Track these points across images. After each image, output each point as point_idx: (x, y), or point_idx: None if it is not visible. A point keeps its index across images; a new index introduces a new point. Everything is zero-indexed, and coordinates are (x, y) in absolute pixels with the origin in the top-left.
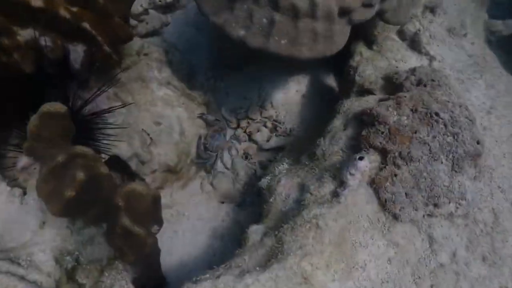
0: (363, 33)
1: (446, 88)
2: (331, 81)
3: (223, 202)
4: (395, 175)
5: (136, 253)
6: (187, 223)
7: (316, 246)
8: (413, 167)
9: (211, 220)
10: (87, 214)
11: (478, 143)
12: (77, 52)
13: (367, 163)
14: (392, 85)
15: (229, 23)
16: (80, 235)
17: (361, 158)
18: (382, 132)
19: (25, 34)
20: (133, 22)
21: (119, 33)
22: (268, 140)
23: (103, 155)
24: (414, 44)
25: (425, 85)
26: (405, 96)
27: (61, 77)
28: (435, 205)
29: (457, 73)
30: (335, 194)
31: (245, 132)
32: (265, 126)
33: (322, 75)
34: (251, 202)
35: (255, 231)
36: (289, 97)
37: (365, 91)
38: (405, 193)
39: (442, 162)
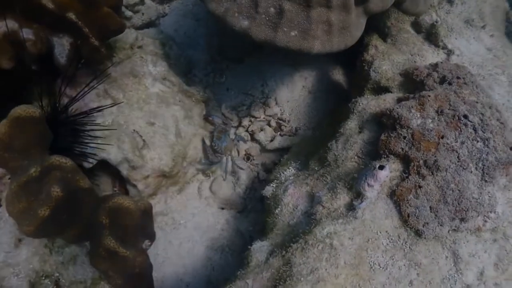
0: (375, 24)
1: (473, 86)
2: (340, 75)
3: (223, 208)
4: (420, 187)
5: (124, 276)
6: (184, 232)
7: (330, 270)
8: (440, 178)
9: (210, 229)
10: (65, 234)
11: (511, 149)
12: (62, 45)
13: (388, 173)
14: (412, 83)
15: (230, 12)
16: (60, 254)
17: (381, 167)
18: (404, 137)
19: (2, 25)
20: (127, 13)
21: (108, 24)
22: (272, 140)
23: (90, 160)
24: (431, 36)
25: (450, 83)
26: (429, 96)
27: (45, 73)
28: (462, 220)
29: (477, 69)
30: (351, 208)
31: (247, 131)
32: (268, 124)
33: (330, 69)
34: (253, 208)
35: (259, 249)
36: (294, 93)
37: (381, 89)
38: (430, 207)
39: (471, 172)
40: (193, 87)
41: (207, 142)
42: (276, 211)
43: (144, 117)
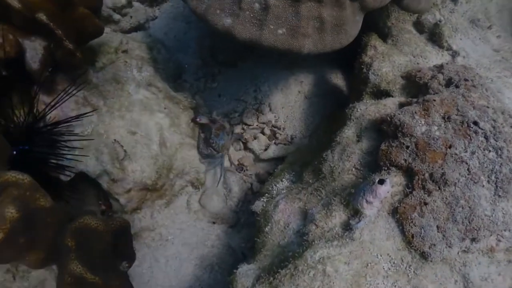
0: (374, 24)
1: (482, 89)
2: (338, 79)
3: (214, 223)
4: (425, 204)
5: None
6: (171, 249)
7: None
8: (448, 193)
9: (199, 245)
10: (25, 259)
11: None
12: (34, 49)
13: (389, 188)
14: (415, 86)
15: (211, 10)
16: (26, 279)
17: (381, 182)
18: (407, 147)
19: None
20: (115, 16)
21: (85, 26)
22: (266, 149)
23: (67, 173)
24: (434, 37)
25: (457, 86)
26: (435, 100)
27: (19, 79)
28: (473, 240)
29: (484, 71)
30: (348, 227)
31: (239, 139)
32: (262, 132)
33: (328, 72)
34: (246, 222)
35: (245, 274)
36: (290, 98)
37: (381, 93)
38: (437, 226)
39: (483, 186)
40: (180, 93)
41: (202, 136)
42: (266, 229)
43: (126, 125)
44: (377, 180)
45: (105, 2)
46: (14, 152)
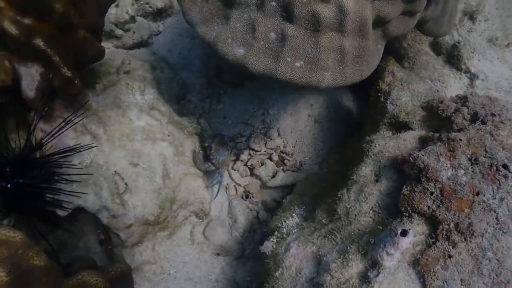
0: (389, 45)
1: (511, 125)
2: (350, 102)
3: (218, 254)
4: (449, 257)
5: None
6: (173, 284)
7: None
8: (474, 245)
9: (202, 279)
10: None
11: None
12: (31, 75)
13: (412, 239)
14: (437, 118)
15: (222, 38)
16: None
17: (404, 233)
18: (432, 193)
19: None
20: (118, 31)
21: (85, 50)
22: (273, 176)
23: (64, 207)
24: (452, 59)
25: (483, 122)
26: (461, 140)
27: (18, 105)
28: None
29: (504, 95)
30: (365, 279)
31: (246, 165)
32: (270, 158)
33: (339, 95)
34: (252, 253)
35: None
36: (299, 123)
37: (400, 124)
38: (461, 280)
39: None
40: (185, 118)
41: (197, 149)
42: (276, 274)
43: (127, 156)
44: (399, 232)
45: (108, 18)
46: (8, 186)
